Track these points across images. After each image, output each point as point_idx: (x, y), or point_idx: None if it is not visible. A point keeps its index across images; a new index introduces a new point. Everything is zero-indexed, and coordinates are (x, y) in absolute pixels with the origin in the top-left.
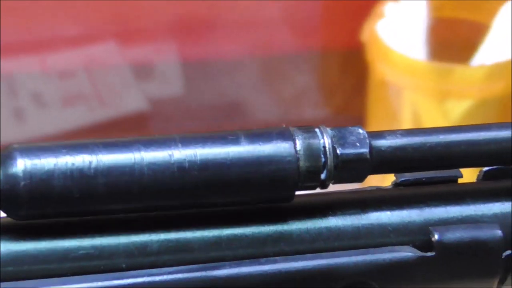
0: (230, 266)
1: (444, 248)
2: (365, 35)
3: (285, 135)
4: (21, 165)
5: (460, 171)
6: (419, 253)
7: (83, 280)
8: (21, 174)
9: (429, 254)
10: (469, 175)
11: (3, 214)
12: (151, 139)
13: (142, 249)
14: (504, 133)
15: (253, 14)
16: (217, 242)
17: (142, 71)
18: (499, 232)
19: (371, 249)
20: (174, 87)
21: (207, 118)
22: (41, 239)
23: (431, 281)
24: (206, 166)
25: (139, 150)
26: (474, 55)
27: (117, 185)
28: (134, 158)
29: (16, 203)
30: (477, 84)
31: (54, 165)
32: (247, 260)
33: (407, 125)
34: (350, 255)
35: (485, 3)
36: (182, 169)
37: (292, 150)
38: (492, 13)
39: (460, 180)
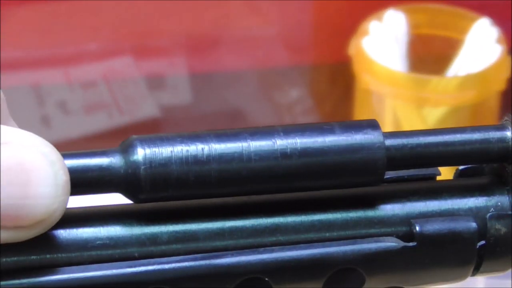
0: (232, 255)
1: (424, 238)
2: (351, 50)
3: (374, 125)
4: (141, 152)
5: (438, 170)
6: (401, 243)
7: (99, 268)
8: (141, 160)
9: (410, 244)
10: (446, 173)
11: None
12: (256, 129)
13: (153, 239)
14: (477, 135)
15: (253, 33)
16: (220, 233)
17: (155, 82)
18: (473, 224)
19: (359, 240)
20: (183, 96)
21: (213, 123)
22: (59, 229)
23: (412, 268)
24: (306, 152)
25: (246, 139)
26: (448, 67)
27: (228, 170)
28: (242, 146)
29: (137, 187)
30: (451, 93)
31: (171, 152)
32: (247, 250)
33: (389, 128)
34: (339, 245)
35: (458, 21)
36: (284, 155)
37: (381, 138)
38: (465, 30)
39: (438, 178)
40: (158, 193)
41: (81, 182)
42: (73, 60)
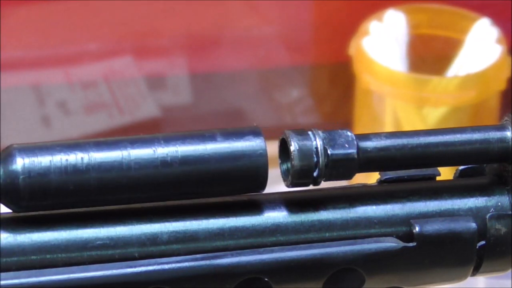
0: (232, 255)
1: (424, 239)
2: (352, 50)
3: (256, 132)
4: (20, 162)
5: (438, 170)
6: (401, 244)
7: (100, 268)
8: (20, 170)
9: (410, 244)
10: (446, 173)
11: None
12: (137, 137)
13: (153, 239)
14: (477, 136)
15: (253, 33)
16: (220, 233)
17: (156, 82)
18: (473, 225)
19: (358, 240)
20: (184, 96)
21: (213, 123)
22: (59, 229)
23: (412, 268)
24: (186, 160)
25: (126, 147)
26: (448, 67)
27: (107, 178)
28: (122, 154)
29: (16, 196)
30: (451, 92)
31: (50, 161)
32: (247, 250)
33: (389, 128)
34: (339, 245)
35: (458, 21)
36: (165, 163)
37: (263, 145)
38: (465, 30)
39: (438, 178)
40: (38, 202)
41: None
42: (73, 60)
